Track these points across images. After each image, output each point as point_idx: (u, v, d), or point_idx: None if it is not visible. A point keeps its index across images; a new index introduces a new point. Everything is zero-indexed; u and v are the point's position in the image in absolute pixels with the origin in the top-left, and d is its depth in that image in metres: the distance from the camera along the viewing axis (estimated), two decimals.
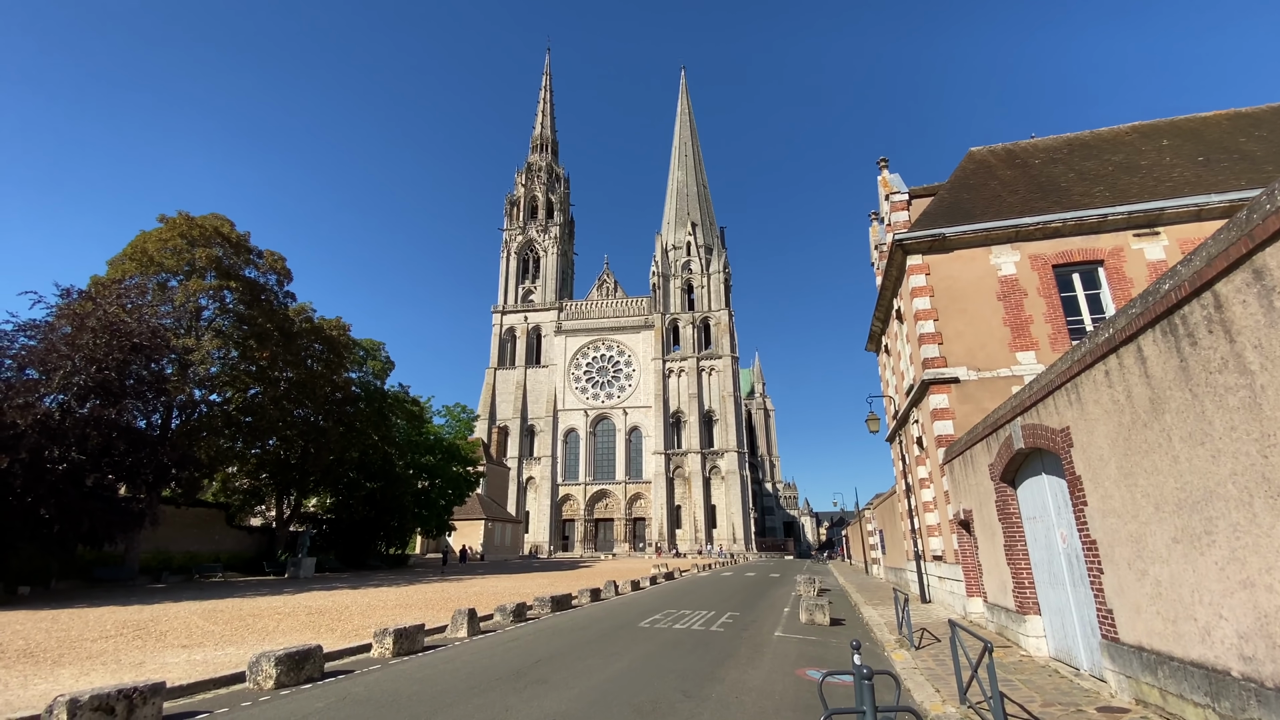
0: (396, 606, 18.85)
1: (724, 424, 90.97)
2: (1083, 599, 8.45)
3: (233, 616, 16.42)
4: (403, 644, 10.90)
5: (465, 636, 12.82)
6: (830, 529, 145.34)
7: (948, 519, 15.48)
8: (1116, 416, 6.63)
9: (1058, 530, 9.13)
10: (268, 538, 41.23)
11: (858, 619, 15.94)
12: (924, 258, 16.94)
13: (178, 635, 13.36)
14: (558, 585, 26.93)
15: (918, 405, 17.86)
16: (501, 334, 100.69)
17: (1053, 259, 16.17)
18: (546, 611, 16.74)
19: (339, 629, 13.99)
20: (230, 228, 33.65)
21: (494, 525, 67.69)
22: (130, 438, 26.12)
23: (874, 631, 13.21)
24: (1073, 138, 21.74)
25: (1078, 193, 17.83)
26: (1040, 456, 9.47)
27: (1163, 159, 18.97)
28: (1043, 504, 9.59)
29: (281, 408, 34.76)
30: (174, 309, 30.13)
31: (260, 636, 13.01)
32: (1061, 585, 9.14)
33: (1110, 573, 7.14)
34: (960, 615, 14.83)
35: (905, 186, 20.39)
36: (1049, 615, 9.72)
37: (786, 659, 10.44)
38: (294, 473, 38.87)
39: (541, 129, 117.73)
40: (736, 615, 16.28)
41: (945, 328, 16.14)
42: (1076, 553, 8.48)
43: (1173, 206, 15.86)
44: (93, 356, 24.70)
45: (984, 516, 12.10)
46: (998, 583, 11.57)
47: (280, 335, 33.67)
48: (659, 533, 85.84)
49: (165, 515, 34.49)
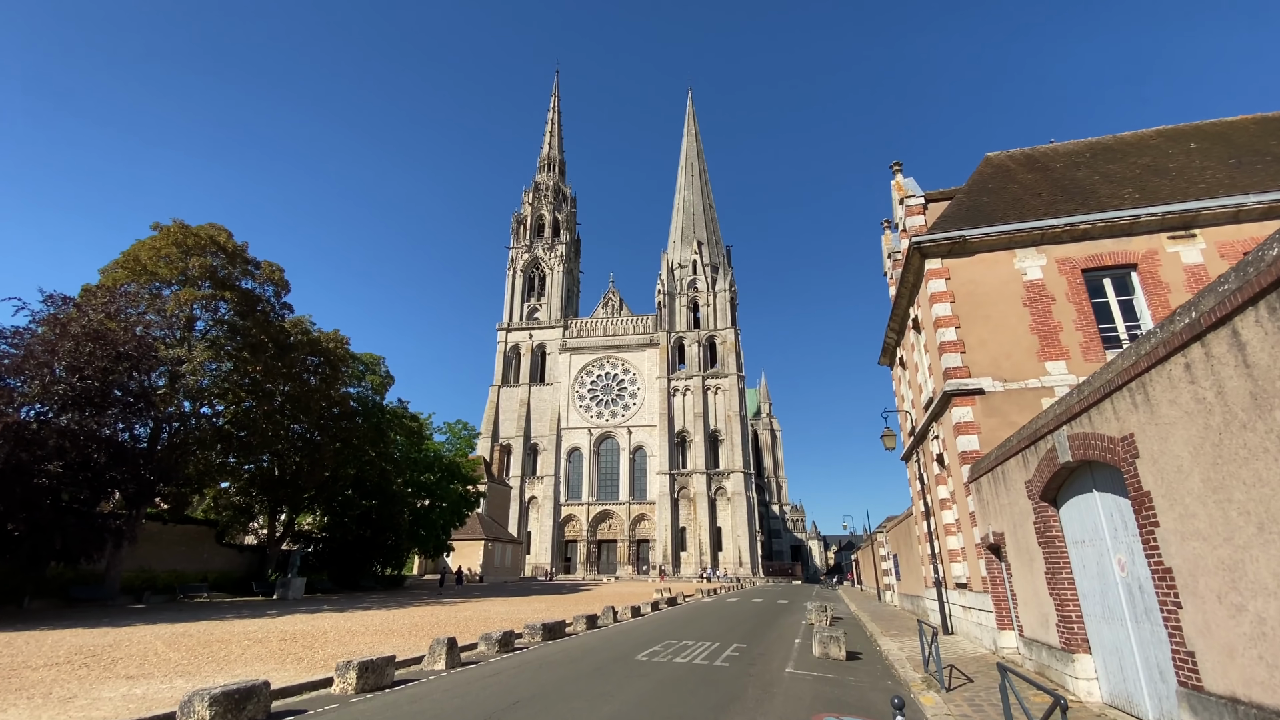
0: (378, 633, 17.61)
1: (730, 444, 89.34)
2: (1148, 637, 7.24)
3: (199, 642, 15.23)
4: (368, 679, 9.72)
5: (443, 669, 11.61)
6: (839, 553, 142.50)
7: (974, 543, 14.21)
8: (1203, 418, 5.51)
9: (1114, 556, 7.94)
10: (259, 557, 39.93)
11: (875, 652, 14.61)
12: (943, 261, 15.90)
13: (130, 664, 12.21)
14: (554, 610, 25.57)
15: (938, 419, 16.67)
16: (506, 351, 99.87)
17: (1082, 263, 15.09)
18: (537, 640, 15.47)
19: (308, 658, 12.80)
20: (227, 237, 32.98)
21: (494, 546, 66.10)
22: (112, 451, 25.14)
23: (895, 668, 11.91)
24: (1094, 142, 20.78)
25: (1105, 195, 16.80)
26: (1090, 471, 8.31)
27: (1192, 161, 17.96)
28: (1093, 526, 8.40)
29: (275, 422, 33.77)
30: (165, 318, 29.32)
31: (218, 667, 11.84)
32: (1119, 620, 7.92)
33: (1192, 607, 5.95)
34: (990, 650, 13.50)
35: (921, 190, 19.42)
36: (1102, 654, 8.47)
37: (800, 702, 9.18)
38: (287, 489, 37.74)
39: (549, 149, 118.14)
40: (743, 647, 14.96)
41: (968, 336, 15.03)
42: (1141, 582, 7.28)
43: (1209, 207, 14.80)
44: (75, 365, 23.83)
45: (1019, 540, 10.87)
46: (1037, 615, 10.31)
47: (275, 347, 32.78)
48: (663, 555, 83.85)
49: (151, 532, 33.39)
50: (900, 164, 20.55)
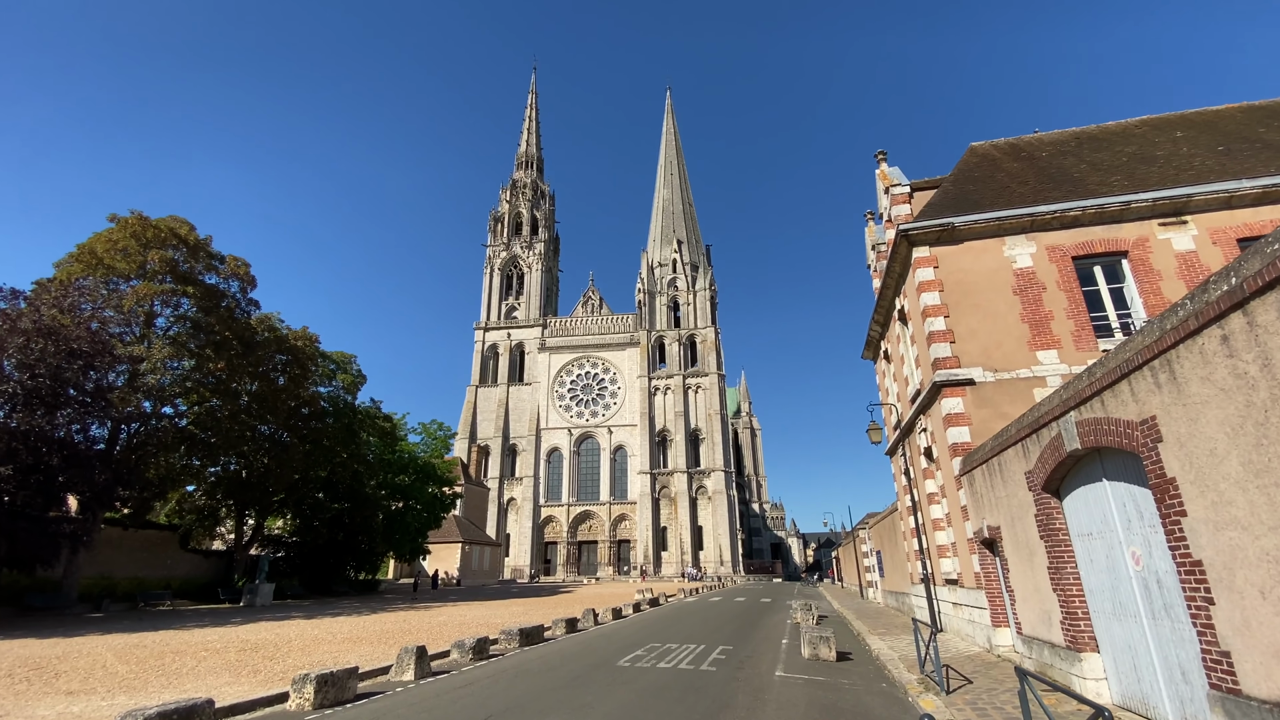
0: (346, 640, 16.72)
1: (710, 443, 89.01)
2: (1167, 635, 6.77)
3: (151, 654, 14.24)
4: (327, 693, 8.93)
5: (411, 680, 10.83)
6: (818, 550, 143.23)
7: (966, 538, 13.79)
8: (1244, 394, 5.01)
9: (1127, 549, 7.47)
10: (226, 562, 38.49)
11: (865, 652, 14.12)
12: (931, 249, 15.48)
13: (74, 677, 11.27)
14: (532, 614, 24.78)
15: (926, 412, 16.26)
16: (484, 351, 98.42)
17: (1072, 250, 14.77)
18: (514, 646, 14.72)
19: (266, 670, 11.93)
20: (189, 230, 31.59)
21: (471, 548, 64.90)
22: (66, 453, 23.80)
23: (889, 669, 11.40)
24: (1079, 131, 20.62)
25: (1093, 182, 16.54)
26: (1100, 459, 7.84)
27: (1180, 149, 17.81)
28: (1103, 517, 7.93)
29: (241, 422, 32.47)
30: (122, 314, 27.92)
31: (167, 681, 10.93)
32: (1132, 617, 7.45)
33: (1227, 603, 5.46)
34: (984, 649, 13.08)
35: (906, 179, 19.04)
36: (1112, 653, 8.01)
37: (795, 709, 8.60)
38: (254, 492, 36.37)
39: (527, 146, 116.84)
40: (729, 649, 14.37)
41: (957, 325, 14.61)
42: (1160, 576, 6.81)
43: (1201, 193, 14.56)
44: (25, 362, 22.50)
45: (1017, 534, 10.42)
46: (1037, 612, 9.86)
47: (240, 345, 31.50)
48: (644, 555, 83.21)
49: (111, 538, 31.91)
50: (885, 153, 20.15)
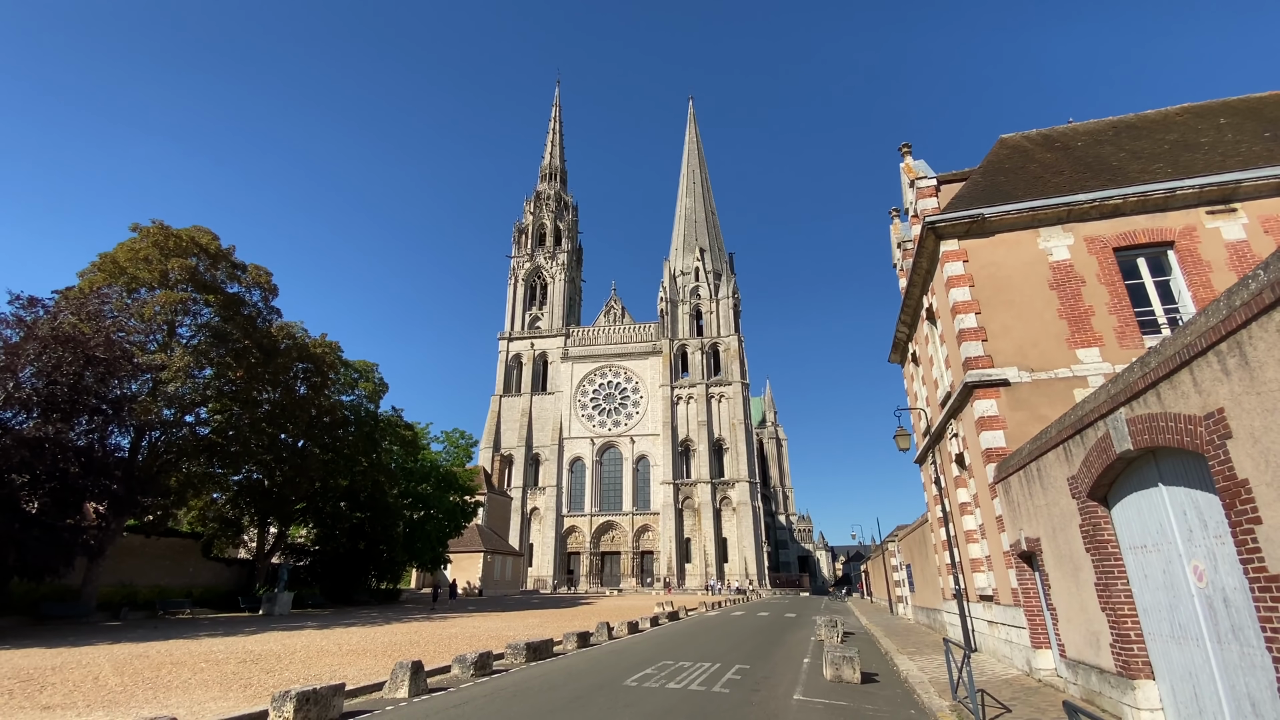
0: (351, 653, 16.25)
1: (734, 452, 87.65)
2: (1235, 660, 5.87)
3: (150, 665, 13.92)
4: (309, 712, 8.39)
5: (404, 698, 10.26)
6: (847, 564, 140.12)
7: (1002, 550, 12.80)
8: None
9: (1187, 563, 6.57)
10: (247, 571, 38.61)
11: (893, 674, 13.17)
12: (960, 243, 14.59)
13: (59, 690, 10.93)
14: (546, 626, 24.13)
15: (957, 415, 15.30)
16: (508, 361, 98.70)
17: (1113, 241, 13.77)
18: (519, 662, 14.06)
19: (259, 684, 11.47)
20: (211, 239, 31.93)
21: (494, 558, 64.54)
22: (84, 460, 23.93)
23: (918, 693, 10.50)
24: (1116, 120, 19.52)
25: (1134, 170, 15.50)
26: (1155, 461, 6.97)
27: (1224, 136, 16.68)
28: (1159, 527, 7.04)
29: (261, 431, 32.56)
30: (144, 323, 28.20)
31: (153, 694, 10.53)
32: (1195, 640, 6.54)
33: None
34: (1023, 672, 12.05)
35: (932, 172, 18.16)
36: (1170, 681, 7.08)
37: None
38: (275, 501, 36.47)
39: (551, 158, 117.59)
40: (746, 669, 13.52)
41: (989, 322, 13.69)
42: (1227, 595, 5.92)
43: (1250, 179, 13.49)
44: (43, 369, 22.71)
45: (1059, 546, 9.49)
46: (1083, 634, 8.91)
47: (261, 353, 31.65)
48: (668, 567, 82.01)
49: (133, 545, 32.15)
50: (910, 145, 19.30)
